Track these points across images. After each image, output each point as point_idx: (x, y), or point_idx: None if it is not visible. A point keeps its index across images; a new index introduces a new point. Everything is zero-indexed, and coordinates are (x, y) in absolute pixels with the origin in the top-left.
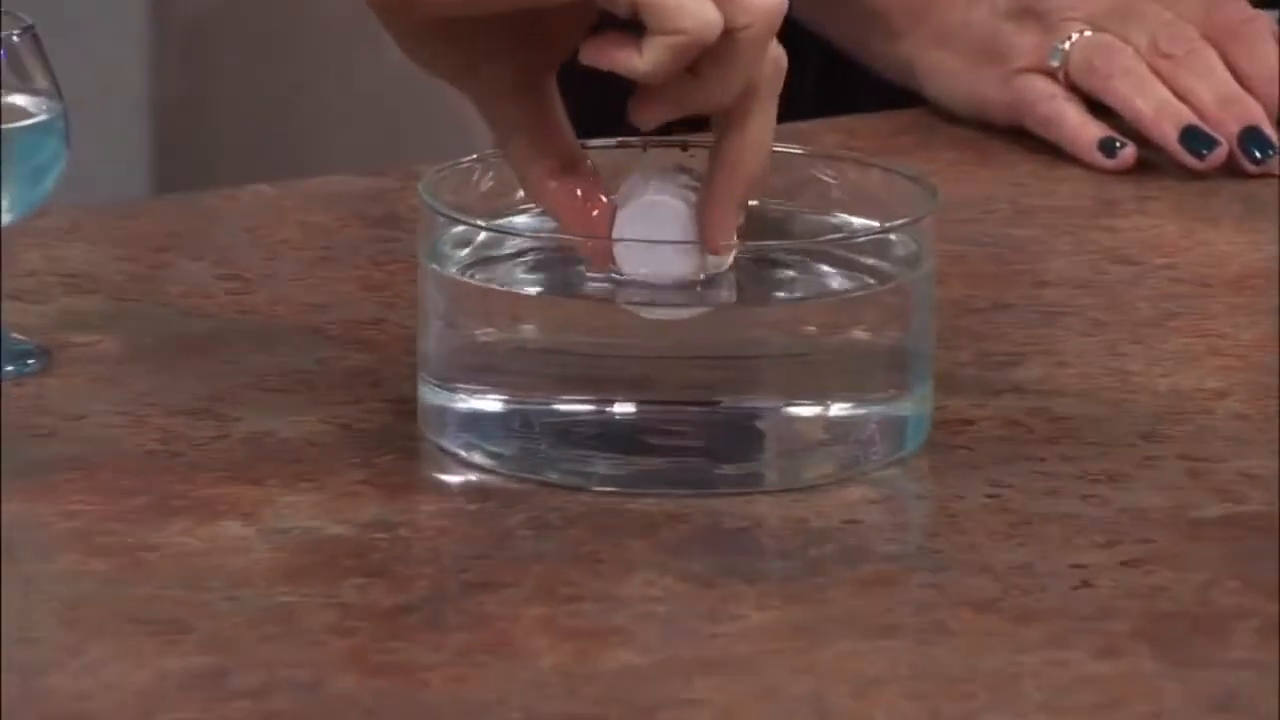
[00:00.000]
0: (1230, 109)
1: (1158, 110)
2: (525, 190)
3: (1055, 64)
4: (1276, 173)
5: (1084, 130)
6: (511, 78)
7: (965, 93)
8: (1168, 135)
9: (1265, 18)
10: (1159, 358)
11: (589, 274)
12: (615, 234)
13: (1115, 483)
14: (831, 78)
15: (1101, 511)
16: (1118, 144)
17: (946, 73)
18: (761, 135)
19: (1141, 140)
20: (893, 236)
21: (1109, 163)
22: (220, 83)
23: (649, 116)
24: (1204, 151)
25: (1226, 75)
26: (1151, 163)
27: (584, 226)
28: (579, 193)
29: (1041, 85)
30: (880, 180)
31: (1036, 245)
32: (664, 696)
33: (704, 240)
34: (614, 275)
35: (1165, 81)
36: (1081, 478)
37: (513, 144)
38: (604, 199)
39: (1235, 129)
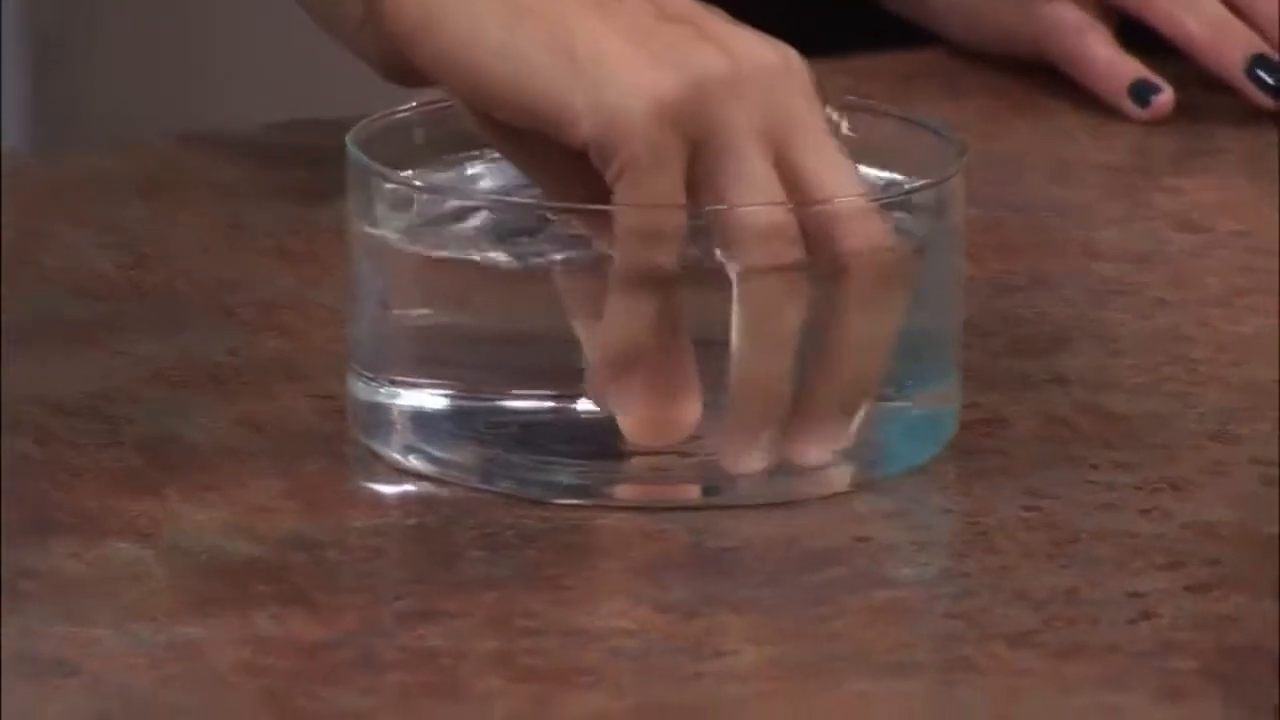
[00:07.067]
0: None
1: (1215, 33)
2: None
3: None
4: None
5: (1114, 70)
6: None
7: (987, 22)
8: (1230, 64)
9: None
10: (1229, 343)
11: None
12: None
13: (1178, 492)
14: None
15: (1162, 527)
16: (1153, 88)
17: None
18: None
19: (1202, 75)
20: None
21: (1141, 113)
22: (110, 13)
23: None
24: (1277, 84)
25: None
26: (1217, 108)
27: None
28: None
29: (1068, 15)
30: (896, 131)
31: (1085, 210)
32: None
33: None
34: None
35: None
36: (1139, 488)
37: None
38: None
39: None
